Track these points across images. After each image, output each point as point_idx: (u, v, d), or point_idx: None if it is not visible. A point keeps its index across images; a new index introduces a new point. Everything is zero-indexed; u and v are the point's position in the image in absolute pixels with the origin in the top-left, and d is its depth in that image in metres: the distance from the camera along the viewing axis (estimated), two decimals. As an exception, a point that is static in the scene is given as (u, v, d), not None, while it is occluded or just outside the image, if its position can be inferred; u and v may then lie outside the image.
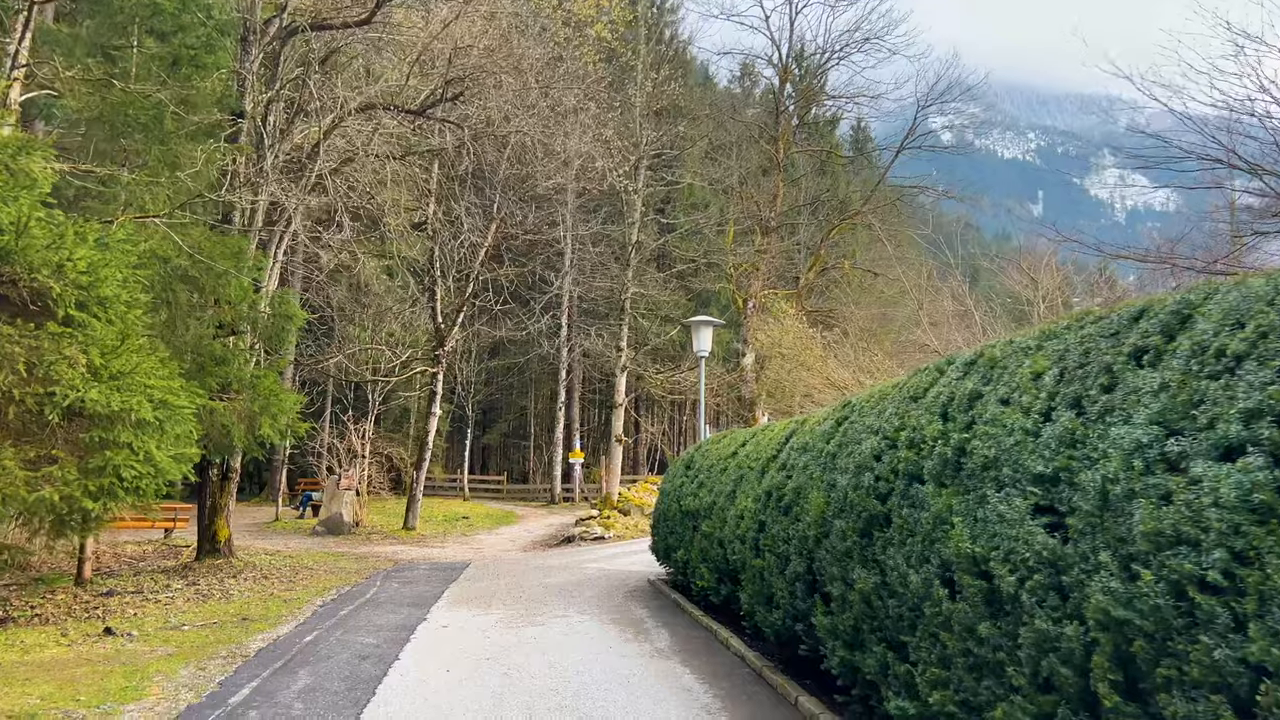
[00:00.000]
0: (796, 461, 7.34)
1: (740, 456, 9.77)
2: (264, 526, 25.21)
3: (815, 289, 39.80)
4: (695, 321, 15.14)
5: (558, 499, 36.60)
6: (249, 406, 12.62)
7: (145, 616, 9.87)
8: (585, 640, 8.97)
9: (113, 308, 8.95)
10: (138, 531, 20.09)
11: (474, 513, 30.11)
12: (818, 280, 38.71)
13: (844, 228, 39.75)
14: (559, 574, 14.47)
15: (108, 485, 8.54)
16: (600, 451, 47.10)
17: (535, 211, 25.96)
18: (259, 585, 12.82)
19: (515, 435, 47.24)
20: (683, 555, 11.05)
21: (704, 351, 14.99)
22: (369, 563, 16.60)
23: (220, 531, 14.76)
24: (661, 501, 12.81)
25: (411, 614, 10.41)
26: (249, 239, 14.38)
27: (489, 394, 41.25)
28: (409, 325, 30.11)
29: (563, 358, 36.96)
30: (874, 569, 5.16)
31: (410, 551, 19.51)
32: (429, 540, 22.40)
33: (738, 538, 8.37)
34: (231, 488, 14.94)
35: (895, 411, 5.73)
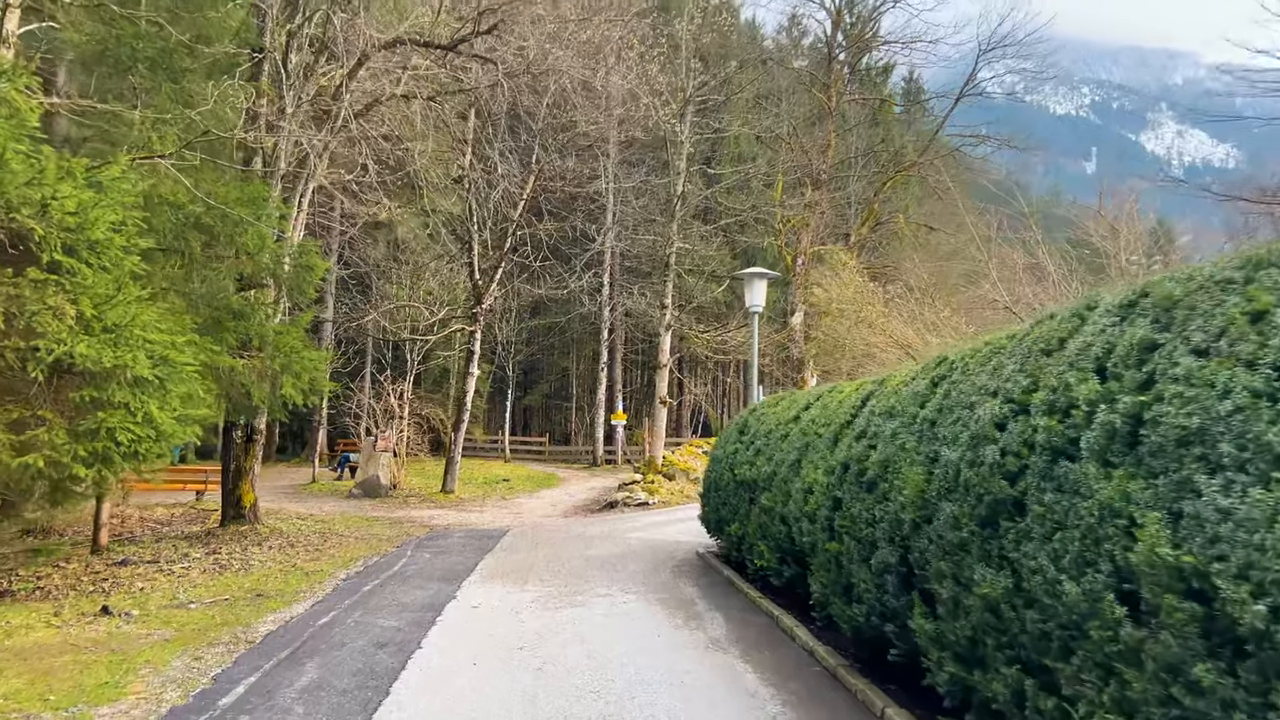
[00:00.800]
0: (881, 429, 6.21)
1: (804, 422, 8.65)
2: (300, 488, 24.71)
3: (867, 245, 38.14)
4: (748, 274, 13.95)
5: (600, 461, 35.80)
6: (269, 364, 11.75)
7: (153, 591, 9.10)
8: (630, 625, 7.99)
9: (106, 253, 8.04)
10: (170, 494, 19.61)
11: (514, 475, 29.40)
12: (870, 235, 37.03)
13: (898, 180, 37.97)
14: (601, 544, 13.54)
15: (102, 450, 7.69)
16: (643, 413, 46.21)
17: (576, 163, 24.76)
18: (282, 555, 12.05)
19: (557, 396, 46.51)
20: (737, 529, 10.01)
21: (757, 306, 13.82)
22: (402, 529, 15.84)
23: (245, 496, 14.04)
24: (712, 469, 11.76)
25: (440, 590, 9.52)
26: (270, 186, 13.45)
27: (530, 354, 40.43)
28: (447, 283, 29.25)
29: (604, 317, 35.96)
30: (1002, 568, 4.04)
31: (447, 516, 18.74)
32: (467, 504, 21.67)
33: (805, 515, 7.28)
34: (256, 450, 14.19)
35: (1020, 369, 4.57)
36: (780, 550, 8.33)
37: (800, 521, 7.44)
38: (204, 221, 11.35)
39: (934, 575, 4.73)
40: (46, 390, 7.74)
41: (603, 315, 35.91)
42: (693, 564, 11.68)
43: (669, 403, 23.32)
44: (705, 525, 12.11)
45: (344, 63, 14.67)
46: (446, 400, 33.55)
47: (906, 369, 7.22)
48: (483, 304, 23.02)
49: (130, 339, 8.01)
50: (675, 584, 10.19)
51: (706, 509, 11.83)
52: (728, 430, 12.07)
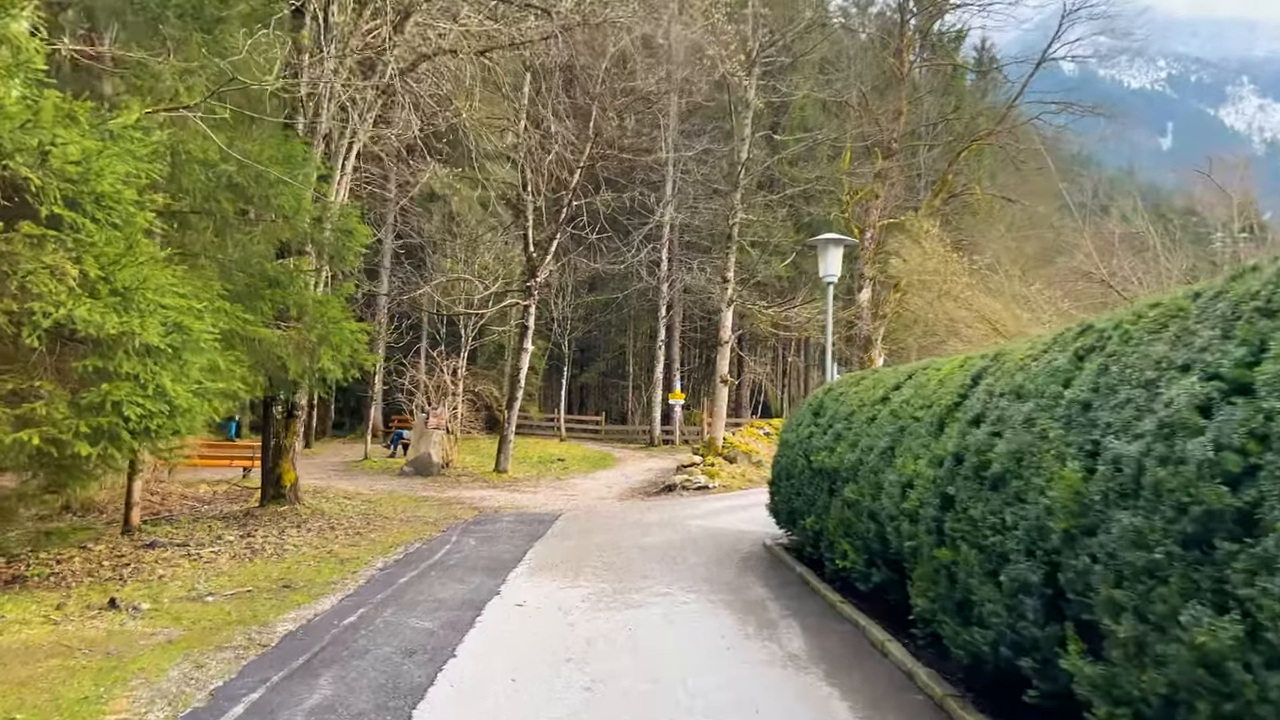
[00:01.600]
0: (1006, 412, 5.07)
1: (895, 404, 7.52)
2: (352, 465, 24.24)
3: (939, 218, 36.26)
4: (822, 240, 12.75)
5: (657, 441, 34.87)
6: (306, 336, 10.97)
7: (172, 580, 8.37)
8: (694, 633, 6.99)
9: (115, 209, 7.23)
10: (219, 470, 19.17)
11: (570, 454, 28.63)
12: (942, 208, 35.13)
13: (973, 149, 35.98)
14: (659, 532, 12.56)
15: (107, 426, 6.92)
16: (701, 393, 45.12)
17: (634, 129, 23.65)
18: (320, 539, 11.32)
19: (613, 374, 45.64)
20: (813, 523, 8.92)
21: (832, 277, 12.63)
22: (451, 511, 15.07)
23: (285, 475, 13.37)
24: (783, 455, 10.66)
25: (483, 584, 8.64)
26: (311, 147, 12.65)
27: (586, 331, 39.55)
28: (501, 256, 28.48)
29: (663, 293, 34.88)
30: (1226, 609, 2.91)
31: (498, 497, 17.97)
32: (520, 484, 20.91)
33: (904, 514, 6.17)
34: (297, 427, 13.51)
35: (1224, 335, 3.42)
36: (868, 551, 7.23)
37: (897, 520, 6.34)
38: (236, 181, 10.56)
39: (1101, 606, 3.61)
40: (48, 360, 6.99)
41: (661, 291, 34.83)
42: (760, 558, 10.63)
43: (730, 382, 22.24)
44: (775, 516, 11.05)
45: (389, 17, 13.78)
46: (501, 377, 32.87)
47: (1024, 342, 6.03)
48: (537, 277, 22.14)
49: (141, 303, 7.21)
50: (743, 582, 9.16)
51: (776, 498, 10.75)
52: (799, 412, 10.97)
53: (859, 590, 7.76)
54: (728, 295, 21.76)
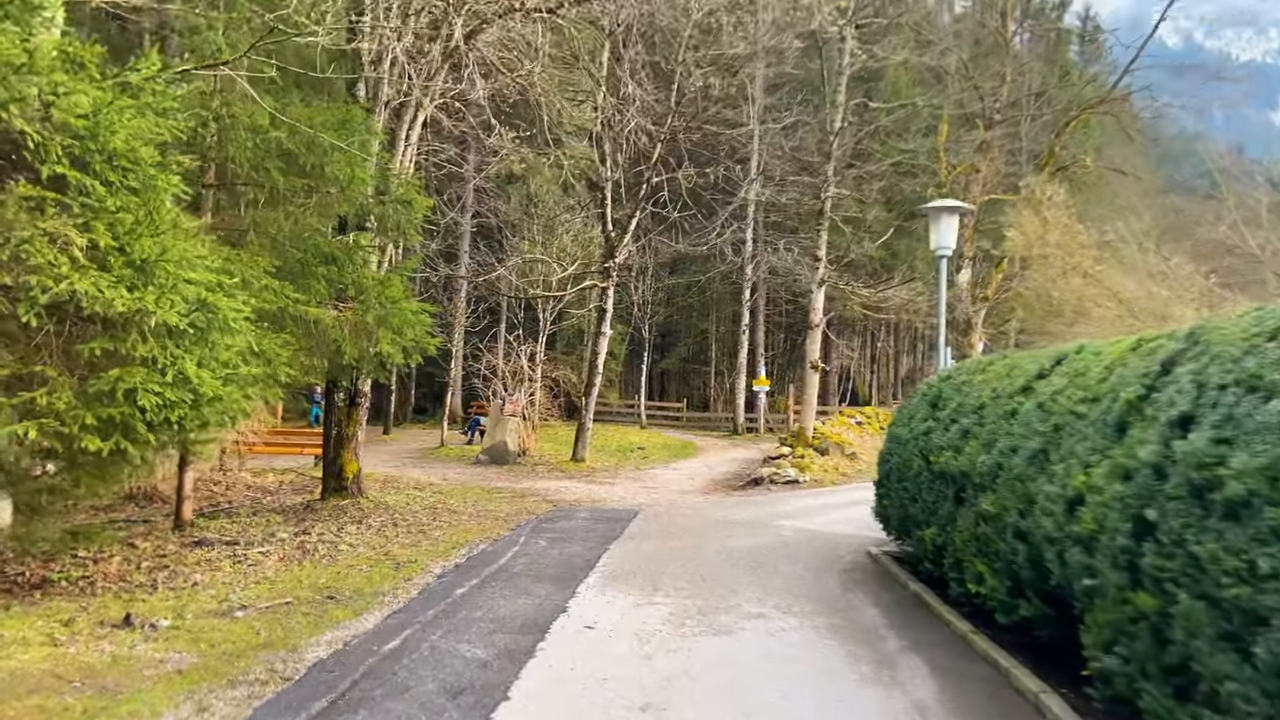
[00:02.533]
0: (1237, 411, 3.70)
1: (1043, 395, 6.13)
2: (427, 452, 23.65)
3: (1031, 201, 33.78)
4: (934, 209, 11.26)
5: (740, 429, 33.56)
6: (362, 317, 10.08)
7: (207, 588, 7.54)
8: (797, 673, 5.77)
9: (133, 170, 6.35)
10: (291, 457, 18.68)
11: (650, 443, 27.57)
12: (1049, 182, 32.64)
13: (1082, 120, 33.42)
14: (747, 534, 11.34)
15: (119, 417, 6.05)
16: (786, 379, 43.54)
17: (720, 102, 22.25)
18: (378, 537, 10.45)
19: (695, 360, 44.41)
20: (934, 536, 7.57)
21: (946, 249, 11.13)
22: (523, 504, 14.13)
23: (347, 466, 12.58)
24: (893, 452, 9.31)
25: (550, 598, 7.58)
26: (373, 116, 11.76)
27: (667, 315, 38.37)
28: (580, 238, 27.51)
29: (747, 275, 33.46)
30: None
31: (574, 489, 16.99)
32: (598, 475, 19.92)
33: (1072, 538, 4.82)
34: (359, 415, 12.69)
35: None
36: (1013, 577, 5.88)
37: (1059, 545, 4.99)
38: (287, 149, 9.70)
39: None
40: (55, 342, 6.15)
41: (745, 273, 33.42)
42: (865, 570, 9.32)
43: (820, 368, 20.81)
44: (883, 522, 9.71)
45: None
46: (580, 362, 32.00)
47: (1238, 317, 4.59)
48: (616, 258, 21.06)
49: (161, 278, 6.32)
50: (848, 601, 7.88)
51: (885, 502, 9.41)
52: (910, 403, 9.58)
53: (994, 619, 6.42)
54: (819, 275, 20.31)
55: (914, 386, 57.67)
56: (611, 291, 21.22)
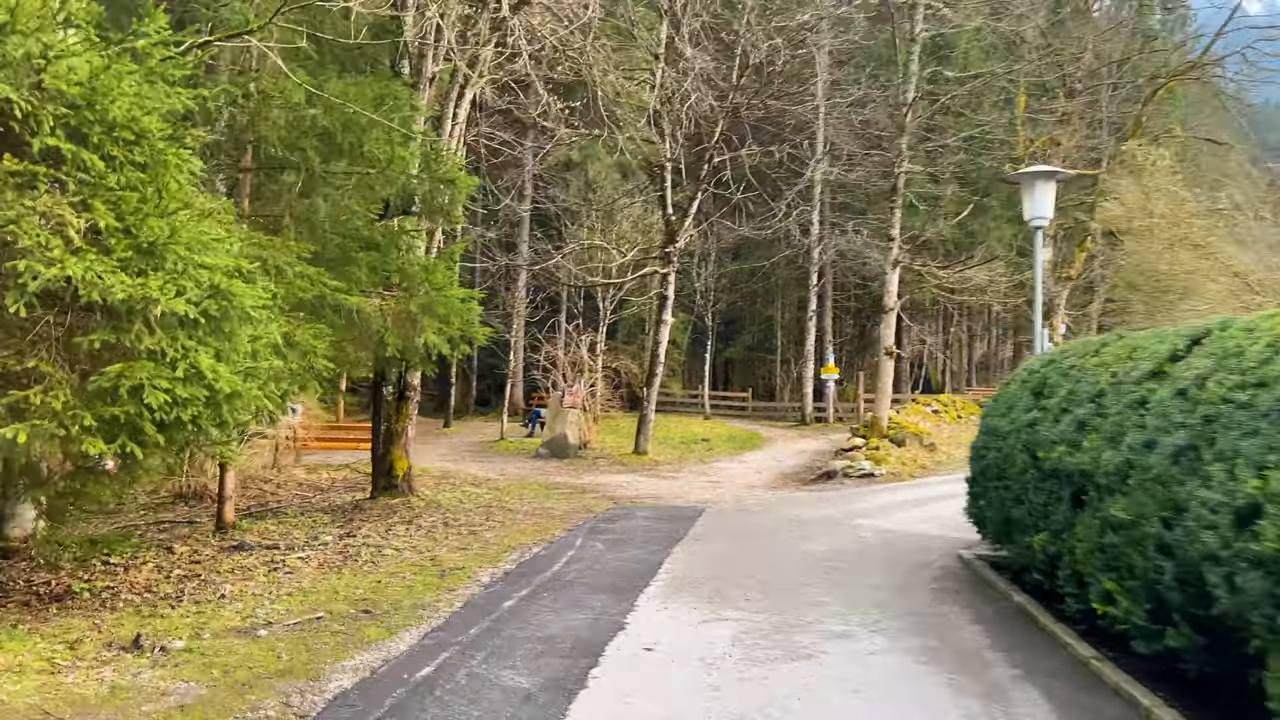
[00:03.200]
0: None
1: (1183, 380, 5.12)
2: (487, 446, 23.16)
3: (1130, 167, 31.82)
4: (1027, 175, 10.10)
5: (808, 419, 32.45)
6: (405, 305, 9.43)
7: (234, 601, 6.95)
8: (893, 711, 4.90)
9: (138, 143, 5.74)
10: (350, 453, 18.29)
11: (714, 434, 26.69)
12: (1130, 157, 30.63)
13: (1170, 87, 31.33)
14: (822, 535, 10.43)
15: (125, 417, 5.44)
16: (855, 367, 42.14)
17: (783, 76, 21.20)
18: (427, 540, 9.83)
19: (760, 348, 43.28)
20: (1044, 543, 6.58)
21: (1041, 219, 9.98)
22: (582, 501, 13.43)
23: (397, 463, 12.01)
24: (988, 446, 8.30)
25: (605, 612, 6.81)
26: (416, 90, 11.11)
27: (731, 302, 37.34)
28: (639, 224, 26.72)
29: (814, 259, 32.30)
30: None
31: (636, 484, 16.24)
32: (660, 468, 19.15)
33: (1250, 560, 3.85)
34: (409, 409, 12.10)
35: None
36: (1154, 598, 4.90)
37: (1230, 566, 4.02)
38: (323, 127, 9.09)
39: None
40: (53, 334, 5.58)
41: (811, 257, 32.25)
42: (959, 578, 8.35)
43: (895, 354, 19.68)
44: (978, 524, 8.71)
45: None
46: (641, 352, 31.24)
47: None
48: (676, 243, 20.21)
49: (170, 262, 5.71)
50: (944, 616, 6.94)
51: (981, 503, 8.40)
52: (1008, 391, 8.55)
53: (1120, 640, 5.44)
54: (892, 256, 19.15)
55: (989, 373, 55.34)
56: (672, 278, 20.38)
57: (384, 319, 9.52)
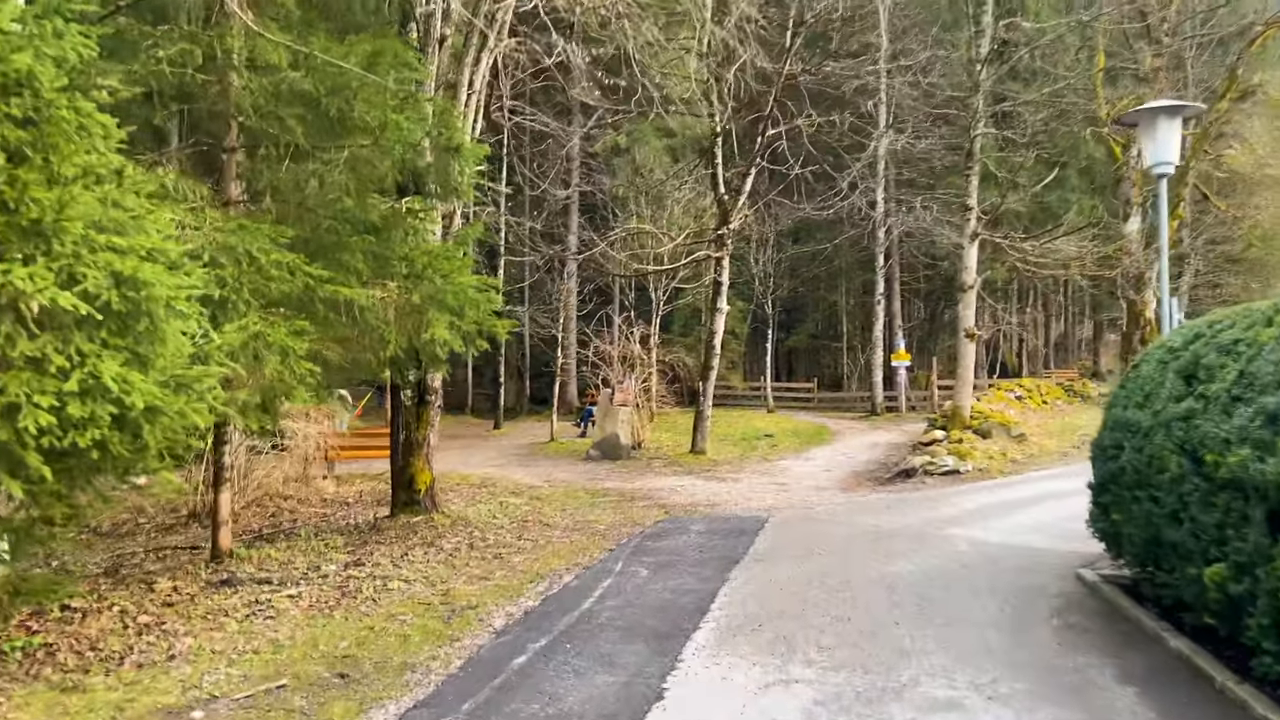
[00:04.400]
0: None
1: None
2: (536, 448, 21.88)
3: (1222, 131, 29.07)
4: (1149, 110, 8.26)
5: (879, 409, 30.54)
6: (408, 297, 8.09)
7: (186, 661, 5.67)
8: None
9: (18, 93, 4.47)
10: (386, 461, 17.17)
11: (778, 428, 25.03)
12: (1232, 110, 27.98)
13: (1269, 36, 28.51)
14: (908, 551, 8.81)
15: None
16: (928, 352, 39.96)
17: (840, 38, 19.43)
18: (444, 567, 8.51)
19: (824, 336, 41.35)
20: (1219, 577, 4.90)
21: (1166, 165, 8.13)
22: (630, 512, 12.01)
23: (418, 476, 10.70)
24: (1120, 443, 6.58)
25: (641, 671, 5.36)
26: (423, 56, 9.78)
27: (791, 289, 35.48)
28: (690, 208, 25.17)
29: (879, 239, 30.35)
30: None
31: (692, 488, 14.76)
32: (720, 469, 17.62)
33: None
34: (430, 415, 10.79)
35: None
36: None
37: None
38: (305, 91, 7.80)
39: None
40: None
41: (877, 238, 30.31)
42: (1086, 608, 6.66)
43: (976, 335, 17.83)
44: (1108, 541, 7.01)
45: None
46: (698, 344, 29.71)
47: None
48: (730, 224, 18.62)
49: (63, 244, 4.43)
50: (1080, 670, 5.31)
51: (1115, 515, 6.67)
52: (1142, 374, 6.80)
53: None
54: (970, 228, 17.27)
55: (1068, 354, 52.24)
56: (727, 262, 18.81)
57: (385, 313, 8.20)
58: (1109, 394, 7.12)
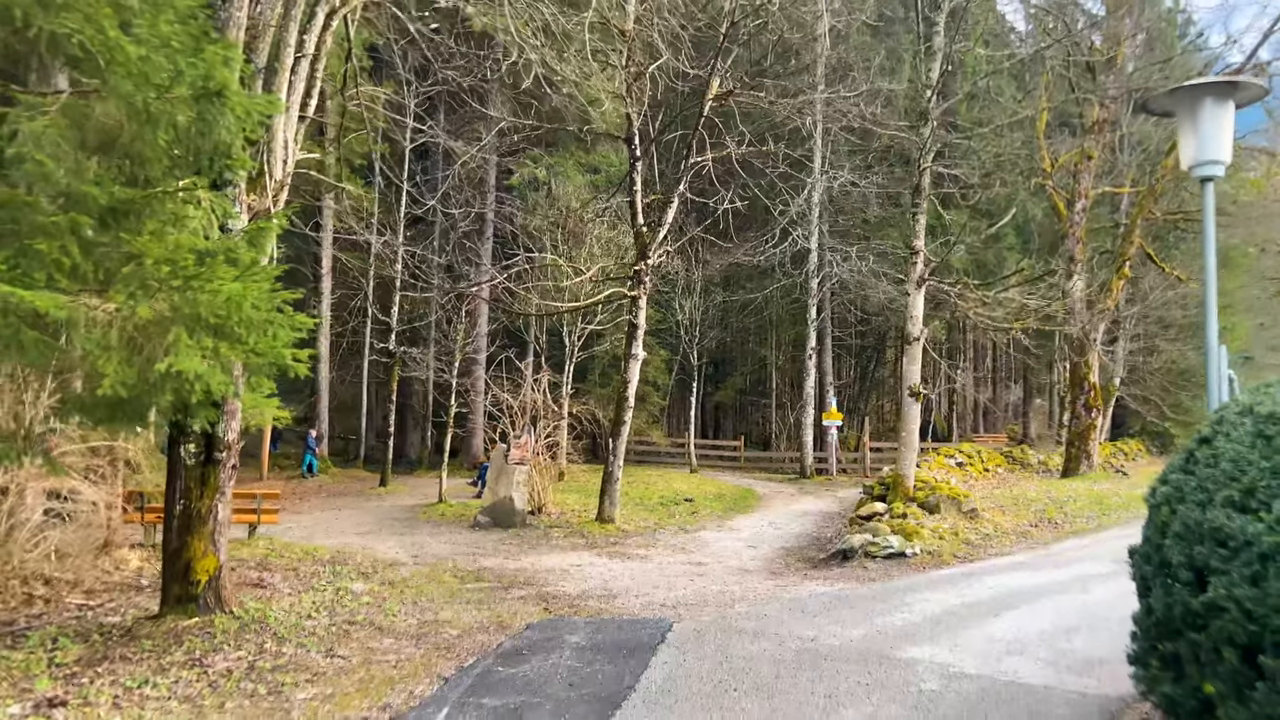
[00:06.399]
0: None
1: None
2: (421, 511, 18.98)
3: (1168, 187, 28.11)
4: (1188, 90, 6.09)
5: (809, 472, 28.41)
6: (133, 309, 5.41)
7: None
8: None
9: None
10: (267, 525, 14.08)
11: (700, 491, 22.59)
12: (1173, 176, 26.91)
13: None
14: (856, 691, 6.31)
15: None
16: (859, 411, 38.24)
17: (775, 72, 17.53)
18: (190, 713, 5.70)
19: (753, 391, 39.35)
20: None
21: (1216, 164, 5.93)
22: (501, 608, 9.33)
23: (197, 562, 7.77)
24: (1196, 560, 4.22)
25: None
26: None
27: (720, 339, 33.36)
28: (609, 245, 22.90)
29: (812, 290, 28.52)
30: None
31: (589, 570, 12.14)
32: (628, 542, 15.02)
33: None
34: (218, 480, 7.91)
35: None
36: None
37: None
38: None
39: None
40: None
41: (810, 288, 28.47)
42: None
43: (923, 394, 15.70)
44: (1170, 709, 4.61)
45: None
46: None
47: None
48: (648, 259, 16.28)
49: None
50: None
51: (1206, 685, 4.28)
52: (1224, 451, 4.47)
53: None
54: (917, 273, 15.23)
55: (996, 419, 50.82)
56: (644, 303, 16.42)
57: (110, 335, 5.48)
58: (1163, 484, 4.78)
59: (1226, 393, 6.02)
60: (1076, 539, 13.55)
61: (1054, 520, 15.15)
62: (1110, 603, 8.44)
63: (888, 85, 20.32)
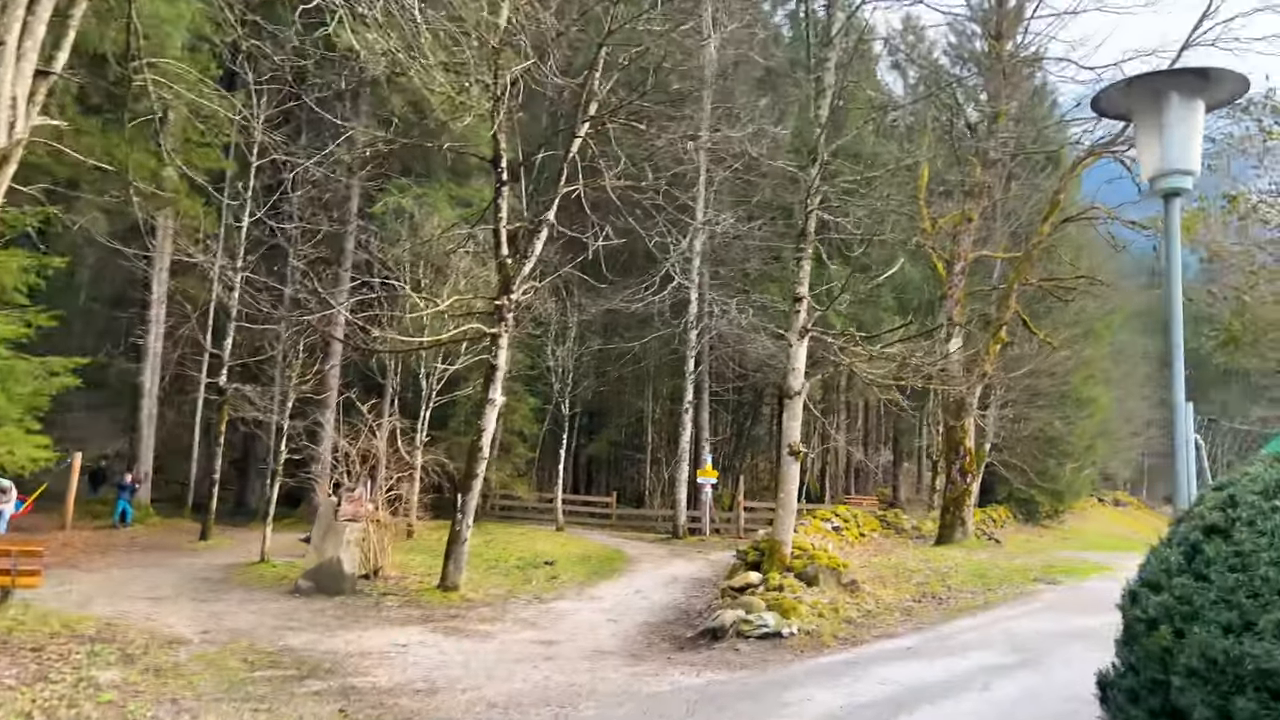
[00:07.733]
0: None
1: None
2: (238, 571, 16.43)
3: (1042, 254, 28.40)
4: (1146, 79, 4.88)
5: (682, 532, 26.93)
6: None
7: None
8: None
9: None
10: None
11: (564, 553, 20.70)
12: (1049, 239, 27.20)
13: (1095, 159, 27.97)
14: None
15: None
16: (735, 469, 37.18)
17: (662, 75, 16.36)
18: None
19: (629, 445, 37.73)
20: None
21: (1183, 175, 4.72)
22: (284, 711, 7.31)
23: None
24: (1191, 690, 2.84)
25: None
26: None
27: (595, 389, 31.69)
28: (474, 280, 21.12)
29: (691, 342, 27.36)
30: None
31: (415, 653, 10.15)
32: (472, 614, 13.06)
33: None
34: None
35: None
36: None
37: None
38: None
39: None
40: None
41: (689, 340, 27.32)
42: None
43: (802, 453, 14.48)
44: None
45: None
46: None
47: None
48: (512, 293, 14.61)
49: None
50: None
51: None
52: (1229, 546, 3.17)
53: None
54: (800, 322, 14.11)
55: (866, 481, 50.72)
56: (505, 342, 14.70)
57: None
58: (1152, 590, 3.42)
59: (1193, 459, 4.78)
60: (968, 618, 12.42)
61: (938, 595, 14.06)
62: (1016, 700, 7.16)
63: (774, 129, 19.45)
